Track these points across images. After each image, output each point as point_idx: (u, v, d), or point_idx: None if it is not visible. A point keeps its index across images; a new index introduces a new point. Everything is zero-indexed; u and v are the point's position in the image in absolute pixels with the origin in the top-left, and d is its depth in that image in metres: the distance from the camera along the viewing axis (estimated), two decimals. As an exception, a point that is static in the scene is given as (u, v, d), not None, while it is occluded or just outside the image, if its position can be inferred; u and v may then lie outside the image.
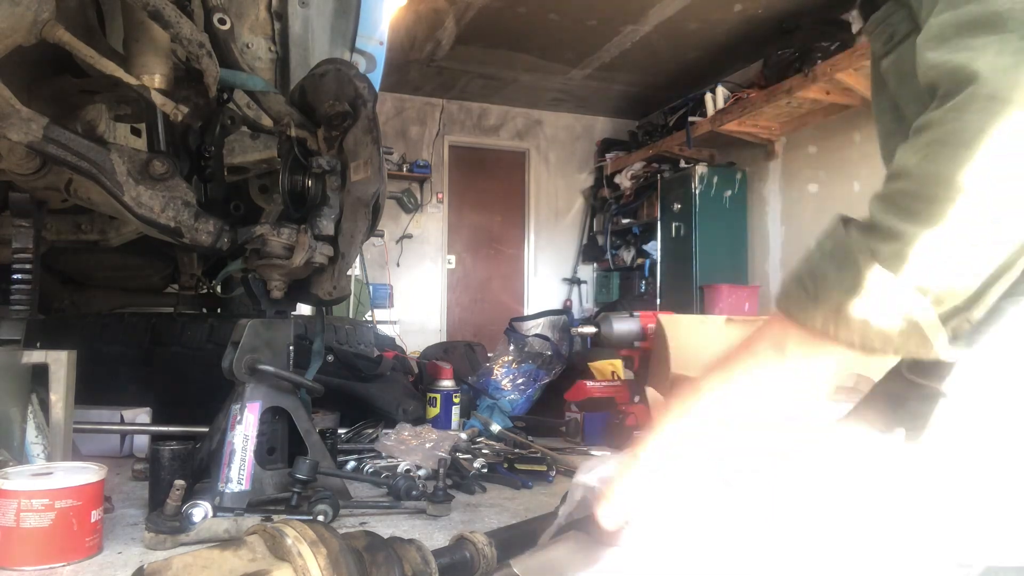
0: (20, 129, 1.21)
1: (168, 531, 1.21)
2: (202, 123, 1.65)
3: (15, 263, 1.53)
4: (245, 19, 1.77)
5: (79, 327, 2.26)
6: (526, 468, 1.85)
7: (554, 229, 8.35)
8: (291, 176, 1.48)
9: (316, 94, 1.52)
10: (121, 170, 1.32)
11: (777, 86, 5.36)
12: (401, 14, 5.01)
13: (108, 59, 1.24)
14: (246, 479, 1.36)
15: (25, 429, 1.49)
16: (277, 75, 1.82)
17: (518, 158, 8.34)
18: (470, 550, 0.95)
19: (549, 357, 2.96)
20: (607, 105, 8.12)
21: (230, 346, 1.44)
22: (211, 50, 1.34)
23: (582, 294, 8.31)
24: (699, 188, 6.46)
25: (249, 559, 0.77)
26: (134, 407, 2.01)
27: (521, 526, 1.12)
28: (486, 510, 1.52)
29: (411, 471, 1.73)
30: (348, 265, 1.51)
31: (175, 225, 1.37)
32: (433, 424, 2.30)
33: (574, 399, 2.53)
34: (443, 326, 7.89)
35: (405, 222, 7.74)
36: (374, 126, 1.45)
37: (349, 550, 0.81)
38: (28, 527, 1.09)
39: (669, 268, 6.80)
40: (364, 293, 6.03)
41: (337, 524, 1.34)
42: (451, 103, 7.98)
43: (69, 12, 1.30)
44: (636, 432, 1.13)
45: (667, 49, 6.41)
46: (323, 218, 1.45)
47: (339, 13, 1.93)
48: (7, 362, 1.48)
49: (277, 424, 1.47)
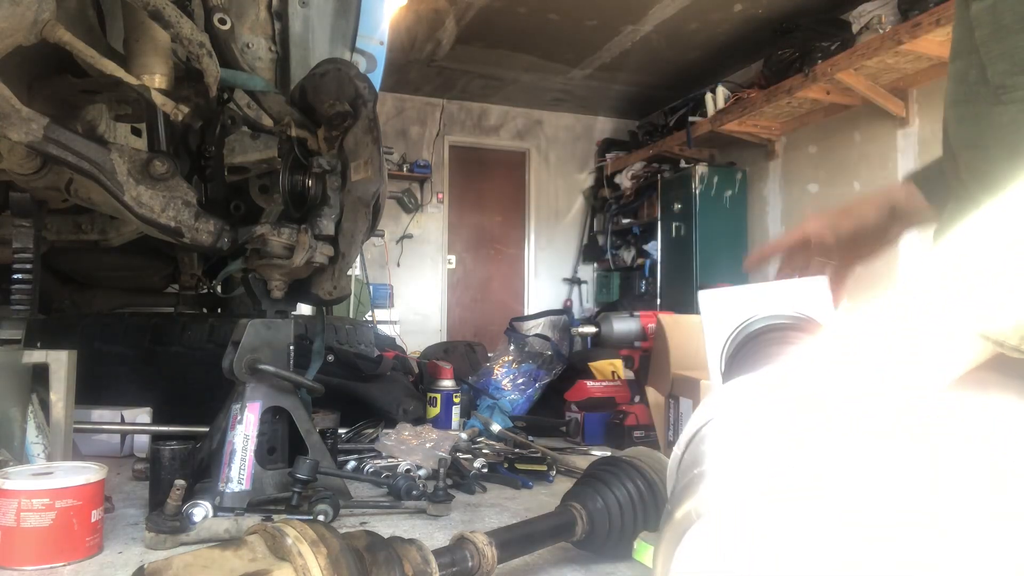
0: (20, 129, 1.21)
1: (168, 531, 1.21)
2: (202, 123, 1.65)
3: (15, 263, 1.53)
4: (245, 19, 1.77)
5: (79, 327, 2.26)
6: (526, 468, 1.85)
7: (554, 229, 8.35)
8: (291, 176, 1.48)
9: (316, 94, 1.52)
10: (121, 170, 1.32)
11: (777, 86, 5.37)
12: (401, 14, 5.02)
13: (108, 59, 1.24)
14: (246, 479, 1.36)
15: (25, 429, 1.49)
16: (277, 75, 1.82)
17: (518, 158, 8.34)
18: (470, 550, 0.95)
19: (549, 357, 2.96)
20: (607, 105, 8.12)
21: (230, 346, 1.44)
22: (211, 50, 1.34)
23: (582, 294, 8.31)
24: (699, 188, 6.46)
25: (249, 559, 0.77)
26: (134, 407, 2.01)
27: (521, 526, 1.12)
28: (486, 510, 1.52)
29: (411, 471, 1.73)
30: (348, 265, 1.51)
31: (175, 225, 1.37)
32: (433, 424, 2.30)
33: (574, 399, 2.53)
34: (443, 326, 7.90)
35: (405, 222, 7.74)
36: (374, 126, 1.45)
37: (349, 550, 0.81)
38: (28, 527, 1.09)
39: (669, 268, 6.80)
40: (364, 293, 6.03)
41: (337, 524, 1.34)
42: (451, 103, 7.98)
43: (69, 12, 1.30)
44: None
45: (667, 49, 6.41)
46: (323, 218, 1.45)
47: (339, 13, 1.93)
48: (7, 362, 1.48)
49: (277, 424, 1.47)
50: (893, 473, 0.49)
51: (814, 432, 0.51)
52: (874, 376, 0.55)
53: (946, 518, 0.48)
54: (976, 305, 0.51)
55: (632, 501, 1.14)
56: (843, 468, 0.48)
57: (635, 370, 2.57)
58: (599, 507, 1.12)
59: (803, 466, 0.49)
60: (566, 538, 1.12)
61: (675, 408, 2.06)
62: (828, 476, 0.48)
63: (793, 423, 0.53)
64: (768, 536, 0.47)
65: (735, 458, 0.52)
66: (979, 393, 0.57)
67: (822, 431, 0.51)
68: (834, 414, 0.52)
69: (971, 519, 0.49)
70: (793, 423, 0.53)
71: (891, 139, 5.11)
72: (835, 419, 0.52)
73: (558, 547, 1.18)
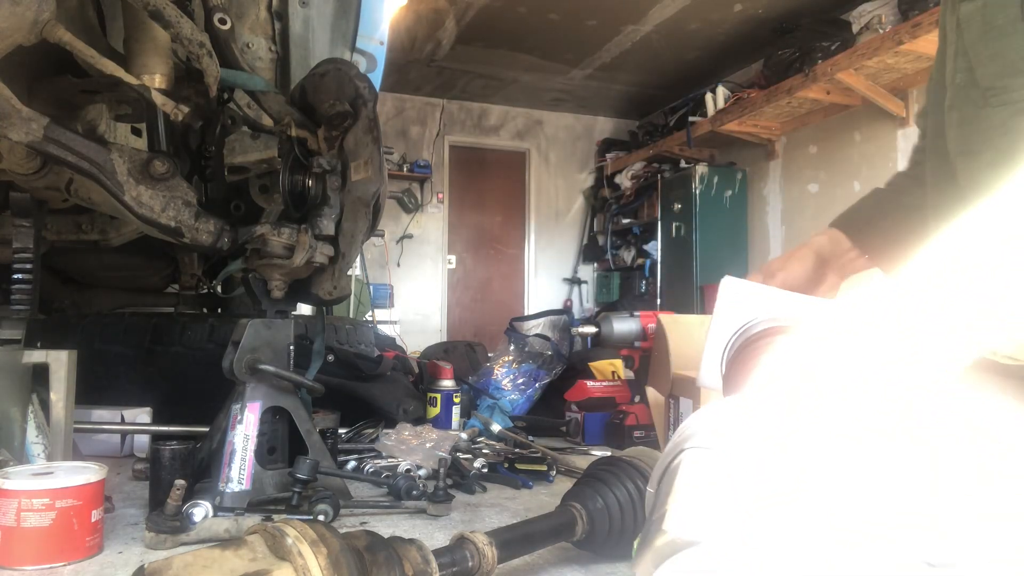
0: (21, 129, 1.21)
1: (169, 531, 1.21)
2: (203, 123, 1.65)
3: (15, 263, 1.53)
4: (245, 19, 1.77)
5: (79, 327, 2.26)
6: (526, 468, 1.85)
7: (554, 229, 8.35)
8: (291, 176, 1.48)
9: (316, 94, 1.52)
10: (122, 170, 1.32)
11: (777, 86, 5.37)
12: (401, 14, 5.01)
13: (108, 59, 1.24)
14: (247, 479, 1.36)
15: (26, 429, 1.49)
16: (277, 75, 1.82)
17: (518, 158, 8.34)
18: (470, 550, 0.95)
19: (549, 357, 2.96)
20: (607, 105, 8.12)
21: (231, 346, 1.44)
22: (211, 50, 1.34)
23: (582, 294, 8.31)
24: (699, 188, 6.46)
25: (250, 559, 0.77)
26: (134, 407, 2.01)
27: (521, 526, 1.12)
28: (486, 510, 1.52)
29: (411, 471, 1.73)
30: (348, 265, 1.51)
31: (176, 225, 1.37)
32: (433, 424, 2.30)
33: (574, 399, 2.53)
34: (443, 326, 7.90)
35: (405, 222, 7.74)
36: (375, 126, 1.45)
37: (350, 549, 0.81)
38: (29, 527, 1.09)
39: (669, 268, 6.80)
40: (364, 293, 6.03)
41: (337, 524, 1.34)
42: (451, 103, 7.98)
43: (70, 12, 1.30)
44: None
45: (667, 49, 6.41)
46: (323, 218, 1.45)
47: (339, 13, 1.93)
48: (8, 362, 1.48)
49: (278, 424, 1.47)
50: (891, 474, 0.50)
51: (800, 436, 0.51)
52: (873, 376, 0.55)
53: (945, 519, 0.49)
54: (967, 318, 0.51)
55: (632, 501, 1.14)
56: (832, 470, 0.48)
57: (635, 370, 2.57)
58: (599, 507, 1.12)
59: (789, 470, 0.49)
60: (566, 538, 1.12)
61: (675, 408, 2.06)
62: (814, 479, 0.48)
63: (779, 427, 0.53)
64: (758, 550, 0.47)
65: (708, 479, 0.51)
66: (977, 394, 0.57)
67: (809, 434, 0.51)
68: (826, 415, 0.52)
69: (969, 520, 0.49)
70: (779, 427, 0.53)
71: (891, 139, 5.11)
72: (827, 421, 0.52)
73: (558, 547, 1.18)
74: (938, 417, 0.52)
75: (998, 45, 0.67)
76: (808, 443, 0.50)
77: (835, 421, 0.52)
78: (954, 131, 0.84)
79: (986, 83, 0.60)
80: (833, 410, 0.53)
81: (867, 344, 0.55)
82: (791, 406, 0.54)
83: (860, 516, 0.47)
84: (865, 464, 0.50)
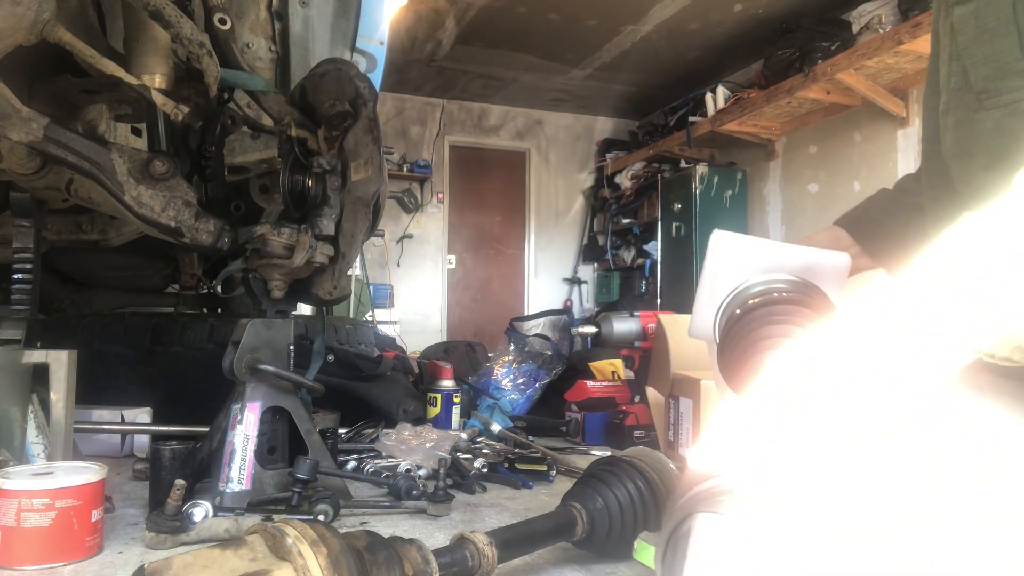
0: (21, 129, 1.21)
1: (169, 531, 1.21)
2: (203, 123, 1.65)
3: (16, 263, 1.53)
4: (245, 19, 1.77)
5: (80, 327, 2.26)
6: (526, 468, 1.85)
7: (554, 229, 8.35)
8: (292, 176, 1.48)
9: (316, 94, 1.52)
10: (122, 170, 1.32)
11: (777, 86, 5.37)
12: (401, 14, 5.01)
13: (109, 59, 1.24)
14: (247, 479, 1.36)
15: (26, 429, 1.49)
16: (277, 75, 1.82)
17: (518, 158, 8.34)
18: (470, 550, 0.95)
19: (549, 357, 2.96)
20: (607, 105, 8.12)
21: (231, 346, 1.44)
22: (211, 50, 1.34)
23: (582, 294, 8.31)
24: (699, 188, 6.46)
25: (250, 559, 0.77)
26: (134, 407, 2.01)
27: (521, 526, 1.12)
28: (486, 510, 1.52)
29: (411, 471, 1.73)
30: (348, 265, 1.51)
31: (176, 225, 1.37)
32: (433, 424, 2.30)
33: (574, 399, 2.53)
34: (443, 326, 7.90)
35: (405, 222, 7.74)
36: (375, 126, 1.45)
37: (350, 549, 0.81)
38: (29, 527, 1.09)
39: (669, 268, 6.80)
40: (364, 293, 6.03)
41: (337, 524, 1.34)
42: (451, 103, 7.98)
43: (70, 12, 1.30)
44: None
45: (667, 49, 6.41)
46: (323, 218, 1.45)
47: (339, 13, 1.93)
48: (8, 362, 1.48)
49: (278, 424, 1.47)
50: (891, 474, 0.50)
51: (800, 436, 0.51)
52: (872, 376, 0.54)
53: (945, 519, 0.49)
54: (965, 320, 0.51)
55: (632, 501, 1.14)
56: (832, 470, 0.49)
57: (635, 370, 2.57)
58: (599, 507, 1.12)
59: (789, 470, 0.49)
60: (566, 538, 1.12)
61: (675, 408, 2.06)
62: (815, 479, 0.48)
63: (781, 427, 0.52)
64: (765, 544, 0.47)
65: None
66: (975, 395, 0.57)
67: (811, 434, 0.51)
68: (826, 416, 0.52)
69: (969, 520, 0.49)
70: (781, 427, 0.52)
71: (891, 139, 5.11)
72: (827, 421, 0.52)
73: (558, 547, 1.18)
74: (938, 417, 0.52)
75: (991, 47, 0.67)
76: (808, 443, 0.50)
77: (835, 421, 0.52)
78: (949, 135, 0.84)
79: (980, 86, 0.60)
80: (833, 410, 0.53)
81: (867, 344, 0.55)
82: (791, 406, 0.54)
83: (860, 516, 0.47)
84: (865, 464, 0.50)
